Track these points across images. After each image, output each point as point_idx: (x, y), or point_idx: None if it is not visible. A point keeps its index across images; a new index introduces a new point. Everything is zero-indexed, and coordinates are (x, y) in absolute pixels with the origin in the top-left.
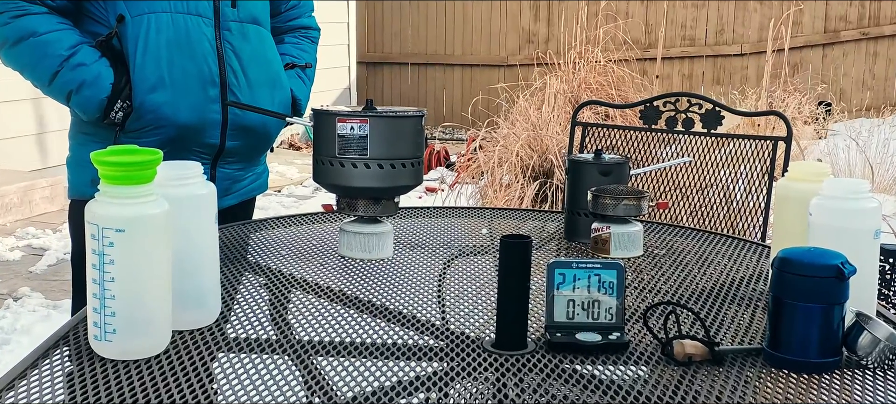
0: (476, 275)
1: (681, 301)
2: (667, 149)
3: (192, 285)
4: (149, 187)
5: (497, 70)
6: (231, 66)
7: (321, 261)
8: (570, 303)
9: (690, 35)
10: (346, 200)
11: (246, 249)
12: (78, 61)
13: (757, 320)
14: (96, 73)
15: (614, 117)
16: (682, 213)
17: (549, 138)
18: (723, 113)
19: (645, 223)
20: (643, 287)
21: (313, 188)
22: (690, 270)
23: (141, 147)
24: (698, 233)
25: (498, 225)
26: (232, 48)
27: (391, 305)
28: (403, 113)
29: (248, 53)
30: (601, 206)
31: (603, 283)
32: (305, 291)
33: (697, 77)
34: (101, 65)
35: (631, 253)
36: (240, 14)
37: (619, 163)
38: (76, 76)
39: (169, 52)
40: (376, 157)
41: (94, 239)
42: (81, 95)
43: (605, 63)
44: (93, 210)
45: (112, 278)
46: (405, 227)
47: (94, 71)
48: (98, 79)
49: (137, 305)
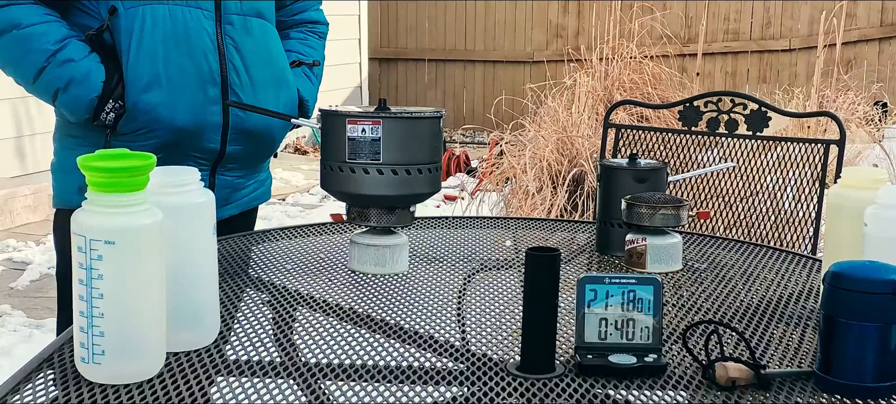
0: (499, 291)
1: (724, 319)
2: (708, 153)
3: (189, 302)
4: (141, 195)
5: (522, 67)
6: (233, 64)
7: (329, 276)
8: (602, 321)
9: (734, 28)
10: (356, 209)
11: (247, 263)
12: (66, 57)
13: (807, 341)
14: (86, 69)
15: (651, 119)
16: (724, 224)
17: (580, 141)
18: (769, 114)
19: (684, 234)
20: (682, 304)
21: (321, 196)
22: (734, 286)
23: (133, 151)
24: (743, 246)
25: (523, 236)
26: (234, 44)
27: (406, 324)
28: (420, 114)
29: (252, 50)
30: (636, 216)
31: (638, 300)
32: (312, 309)
33: (742, 74)
34: (91, 61)
35: (669, 267)
36: (242, 7)
37: (656, 169)
38: (64, 73)
39: (165, 48)
40: (390, 163)
41: (81, 252)
42: (69, 94)
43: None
44: (80, 220)
45: (101, 295)
46: (421, 239)
47: (83, 67)
48: (88, 76)
49: (128, 325)
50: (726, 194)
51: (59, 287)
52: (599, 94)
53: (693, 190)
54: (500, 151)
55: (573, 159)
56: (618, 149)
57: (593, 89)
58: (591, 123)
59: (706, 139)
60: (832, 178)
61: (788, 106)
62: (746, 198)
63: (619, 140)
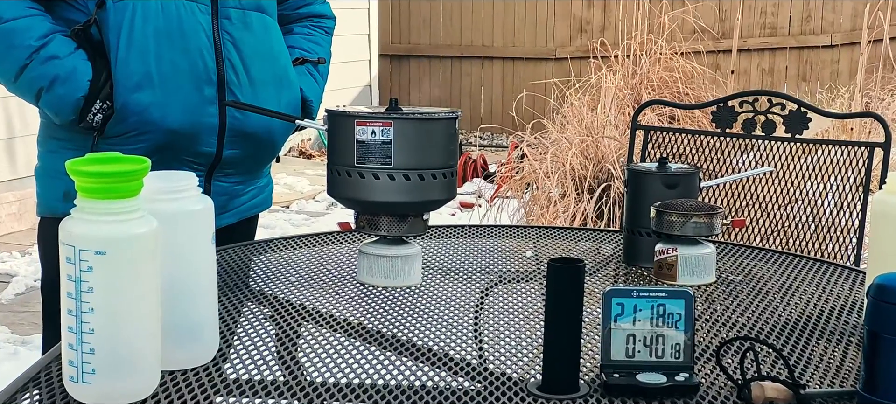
0: (519, 305)
1: (760, 336)
2: (743, 157)
3: (186, 317)
4: (134, 202)
5: (544, 64)
6: (230, 61)
7: (337, 289)
8: (629, 338)
9: (771, 23)
10: (366, 217)
11: (248, 275)
12: (50, 53)
13: (850, 358)
14: (71, 67)
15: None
16: (761, 233)
17: (606, 144)
18: (809, 115)
19: (718, 244)
20: (716, 319)
21: (327, 203)
22: (771, 300)
23: (124, 155)
24: (781, 256)
25: (545, 246)
26: (231, 40)
27: (419, 341)
28: (434, 114)
29: (251, 46)
30: (666, 225)
31: (668, 315)
32: (318, 324)
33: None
34: (76, 58)
35: (701, 279)
36: (241, 0)
37: (688, 174)
38: (47, 71)
39: (157, 44)
40: (402, 167)
41: (70, 263)
42: (53, 93)
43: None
44: (68, 229)
45: (91, 309)
46: (436, 249)
47: (68, 65)
48: (73, 74)
49: (121, 341)
50: (763, 201)
51: (45, 301)
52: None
53: (727, 196)
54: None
55: (599, 163)
56: (646, 153)
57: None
58: (618, 125)
59: (741, 142)
60: (877, 184)
61: (832, 106)
62: (785, 205)
63: (648, 143)
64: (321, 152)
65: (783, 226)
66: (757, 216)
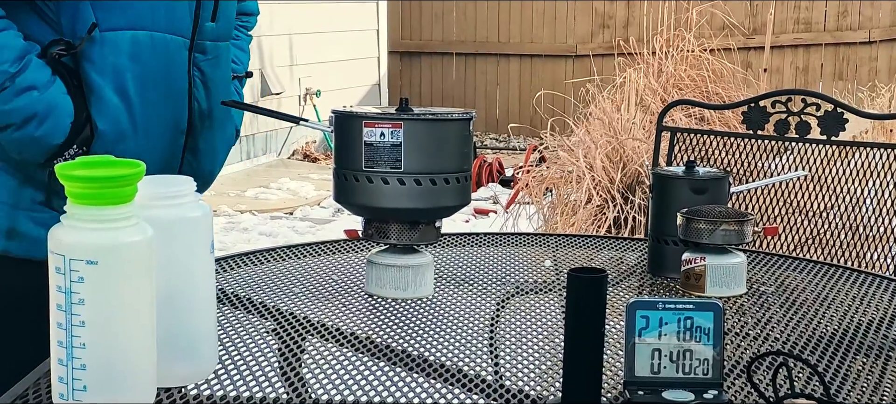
0: (537, 318)
1: (794, 350)
2: (776, 160)
3: (183, 330)
4: (128, 208)
5: (564, 61)
6: (198, 104)
7: (343, 301)
8: (655, 353)
9: (806, 18)
10: (374, 225)
11: (249, 286)
12: (27, 82)
13: (889, 374)
14: (51, 104)
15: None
16: (795, 241)
17: (630, 147)
18: (846, 115)
19: (749, 253)
20: (747, 333)
21: (334, 209)
22: (806, 312)
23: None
24: (816, 266)
25: (565, 255)
26: (202, 78)
27: (431, 356)
28: (446, 115)
29: (217, 84)
30: (694, 232)
31: (696, 329)
32: (324, 338)
33: (815, 70)
34: (56, 91)
35: (731, 290)
36: (218, 29)
37: (717, 179)
38: (23, 105)
39: (143, 88)
40: (412, 171)
41: (59, 273)
42: (25, 132)
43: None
44: (58, 237)
45: (82, 322)
46: (449, 259)
47: (47, 101)
48: (53, 113)
49: (114, 356)
50: (797, 207)
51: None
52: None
53: (759, 202)
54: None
55: (622, 167)
56: (673, 156)
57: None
58: (643, 126)
59: (774, 144)
60: None
61: (871, 106)
62: (820, 211)
63: (675, 145)
64: (327, 155)
65: (818, 234)
66: (790, 223)
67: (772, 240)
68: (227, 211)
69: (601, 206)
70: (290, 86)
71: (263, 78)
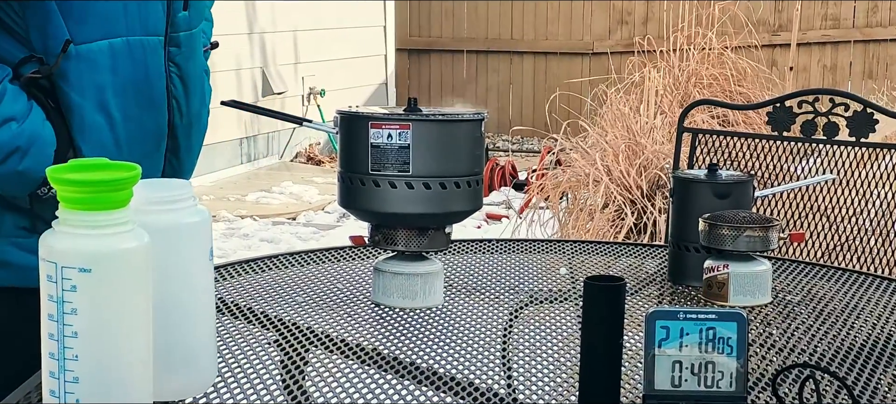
0: (552, 328)
1: (821, 363)
2: (803, 163)
3: (181, 342)
4: (123, 213)
5: (580, 59)
6: (177, 102)
7: (349, 311)
8: (675, 365)
9: (834, 14)
10: (381, 231)
11: (250, 294)
12: (5, 114)
13: None
14: (33, 135)
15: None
16: (823, 247)
17: (649, 149)
18: (877, 116)
19: (774, 260)
20: (772, 344)
21: (338, 214)
22: (834, 322)
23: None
24: (844, 274)
25: (581, 263)
26: (179, 74)
27: (441, 369)
28: (457, 115)
29: (194, 78)
30: (717, 239)
31: (719, 340)
32: (328, 350)
33: (843, 68)
34: (36, 119)
35: (756, 299)
36: (191, 16)
37: (741, 182)
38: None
39: (125, 101)
40: (421, 174)
41: (50, 281)
42: (7, 167)
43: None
44: (49, 244)
45: (74, 333)
46: (459, 266)
47: (29, 132)
48: (35, 145)
49: (108, 368)
50: (825, 212)
51: None
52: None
53: (785, 207)
54: (554, 160)
55: (642, 170)
56: (694, 159)
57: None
58: (663, 127)
59: (801, 146)
60: None
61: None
62: (849, 216)
63: (696, 147)
64: (332, 158)
65: (847, 240)
66: (818, 229)
67: (798, 247)
68: (226, 216)
69: (619, 211)
70: (293, 85)
71: (265, 77)
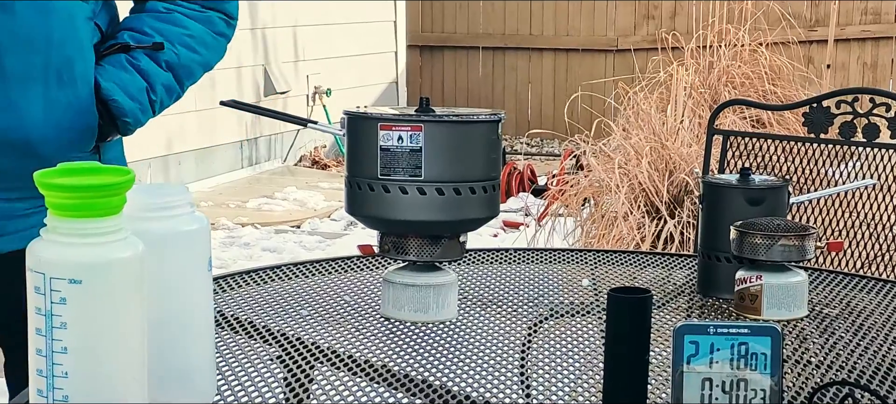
0: (573, 344)
1: (860, 380)
2: (841, 167)
3: (177, 358)
4: (116, 221)
5: (603, 56)
6: None
7: (357, 325)
8: (705, 382)
9: (874, 8)
10: (391, 240)
11: (252, 307)
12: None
13: None
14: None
15: (768, 123)
16: (862, 257)
17: (677, 152)
18: None
19: (810, 271)
20: (808, 360)
21: (346, 222)
22: (874, 337)
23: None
24: (885, 285)
25: (605, 274)
26: None
27: (455, 387)
28: (472, 116)
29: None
30: (749, 248)
31: (751, 356)
32: (334, 367)
33: (884, 66)
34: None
35: (791, 313)
36: None
37: (775, 188)
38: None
39: None
40: (434, 179)
41: (38, 293)
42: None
43: (754, 47)
44: (37, 253)
45: (64, 348)
46: (474, 277)
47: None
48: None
49: (99, 386)
50: (864, 219)
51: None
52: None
53: (822, 214)
54: (576, 164)
55: (669, 175)
56: (726, 163)
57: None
58: (692, 129)
59: (839, 149)
60: None
61: None
62: (890, 224)
63: (728, 150)
64: (339, 162)
65: (889, 250)
66: (857, 237)
67: (836, 257)
68: (226, 224)
69: (645, 219)
70: (296, 84)
71: (267, 75)
